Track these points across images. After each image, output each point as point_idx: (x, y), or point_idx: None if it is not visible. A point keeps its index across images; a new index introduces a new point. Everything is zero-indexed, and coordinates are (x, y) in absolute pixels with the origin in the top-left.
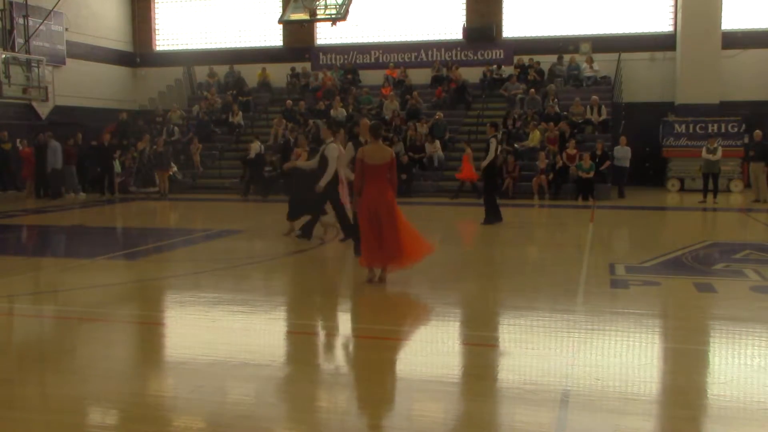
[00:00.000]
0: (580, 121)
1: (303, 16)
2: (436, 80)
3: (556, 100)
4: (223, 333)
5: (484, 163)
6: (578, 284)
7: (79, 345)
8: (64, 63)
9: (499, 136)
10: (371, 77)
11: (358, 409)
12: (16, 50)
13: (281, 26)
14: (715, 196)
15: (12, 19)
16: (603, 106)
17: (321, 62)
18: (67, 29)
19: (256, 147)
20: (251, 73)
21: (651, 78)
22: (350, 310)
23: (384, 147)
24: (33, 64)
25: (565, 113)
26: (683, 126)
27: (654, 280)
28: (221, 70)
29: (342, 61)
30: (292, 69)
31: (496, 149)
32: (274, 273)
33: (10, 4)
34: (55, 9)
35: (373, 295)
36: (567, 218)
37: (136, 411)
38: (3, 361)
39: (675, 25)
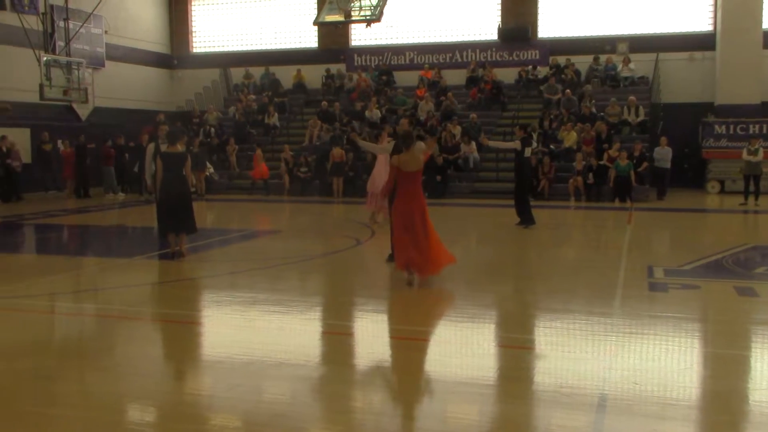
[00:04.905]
0: (616, 122)
1: (338, 17)
2: (471, 81)
3: (592, 101)
4: (259, 333)
5: (501, 144)
6: (615, 287)
7: (118, 343)
8: (104, 65)
9: (534, 137)
10: (406, 78)
11: (392, 410)
12: (57, 53)
13: (316, 28)
14: (756, 198)
15: (53, 22)
16: (640, 107)
17: (356, 63)
18: (106, 32)
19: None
20: (287, 75)
21: (690, 78)
22: (385, 311)
23: (417, 154)
24: (73, 67)
25: (601, 114)
26: (723, 127)
27: (693, 284)
28: (257, 72)
29: (377, 62)
30: (327, 70)
31: (525, 146)
32: (310, 273)
33: (51, 7)
34: (94, 12)
35: (407, 295)
36: (604, 220)
37: (174, 409)
38: (45, 359)
39: (714, 24)
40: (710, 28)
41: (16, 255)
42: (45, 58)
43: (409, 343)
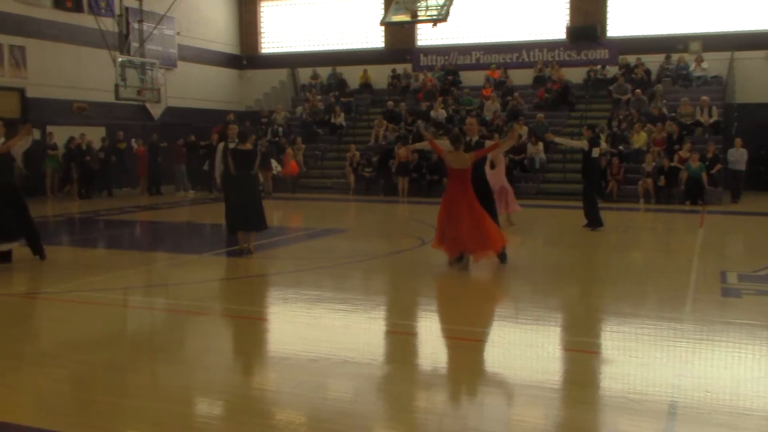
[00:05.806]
0: (689, 123)
1: (404, 17)
2: (538, 81)
3: (663, 101)
4: (324, 330)
5: (566, 141)
6: (686, 292)
7: (187, 337)
8: (176, 66)
9: (602, 138)
10: (472, 78)
11: (456, 411)
12: (132, 54)
13: (383, 28)
14: None
15: (128, 24)
16: (714, 107)
17: (422, 63)
18: (178, 33)
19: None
20: (353, 75)
21: (766, 77)
22: (450, 311)
23: (464, 155)
24: (147, 67)
25: (673, 114)
26: None
27: None
28: (324, 72)
29: (443, 62)
30: (393, 70)
31: (593, 146)
32: (375, 272)
33: (126, 10)
34: (167, 14)
35: (473, 296)
36: (674, 223)
37: (241, 403)
38: (117, 350)
39: None
40: None
41: (92, 249)
42: (120, 59)
43: (473, 344)
